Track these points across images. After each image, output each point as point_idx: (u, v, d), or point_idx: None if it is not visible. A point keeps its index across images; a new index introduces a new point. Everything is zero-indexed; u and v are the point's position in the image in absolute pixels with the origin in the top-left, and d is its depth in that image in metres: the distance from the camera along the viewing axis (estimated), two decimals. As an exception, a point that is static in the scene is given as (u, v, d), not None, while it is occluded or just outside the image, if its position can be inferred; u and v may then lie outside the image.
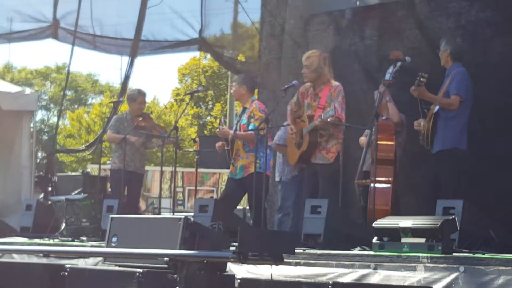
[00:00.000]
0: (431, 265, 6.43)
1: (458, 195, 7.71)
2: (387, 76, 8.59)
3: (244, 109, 9.99)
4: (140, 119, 11.06)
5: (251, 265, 6.96)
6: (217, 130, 10.03)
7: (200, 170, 12.61)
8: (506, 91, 8.85)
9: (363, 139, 9.23)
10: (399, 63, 8.64)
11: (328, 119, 8.46)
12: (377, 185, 8.35)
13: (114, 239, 6.66)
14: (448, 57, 8.43)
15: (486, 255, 6.53)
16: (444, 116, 8.32)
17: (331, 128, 8.73)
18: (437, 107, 8.32)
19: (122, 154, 10.87)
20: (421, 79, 8.17)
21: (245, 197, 10.19)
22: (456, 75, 8.26)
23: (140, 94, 11.41)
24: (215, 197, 10.90)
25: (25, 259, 8.75)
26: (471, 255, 6.66)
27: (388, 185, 8.57)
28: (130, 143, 10.92)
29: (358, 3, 10.34)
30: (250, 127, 9.78)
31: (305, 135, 8.77)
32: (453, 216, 6.96)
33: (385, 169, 8.57)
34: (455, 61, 8.39)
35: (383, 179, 8.53)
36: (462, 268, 6.23)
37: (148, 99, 40.13)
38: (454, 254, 6.66)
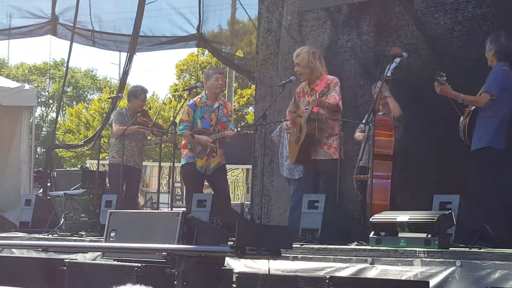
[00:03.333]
0: (428, 259, 6.45)
1: (488, 193, 7.76)
2: (388, 73, 8.62)
3: (219, 105, 10.09)
4: (139, 115, 11.12)
5: (248, 260, 6.99)
6: (230, 132, 10.06)
7: (198, 165, 12.61)
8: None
9: (358, 135, 9.26)
10: (398, 59, 8.66)
11: (323, 97, 8.53)
12: (376, 180, 8.37)
13: (112, 234, 6.70)
14: (493, 57, 8.20)
15: (482, 250, 6.56)
16: (480, 114, 8.13)
17: (330, 121, 8.75)
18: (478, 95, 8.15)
19: (121, 149, 10.90)
20: (439, 78, 8.02)
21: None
22: (492, 74, 8.09)
23: (143, 91, 11.48)
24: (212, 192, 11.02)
25: (24, 254, 8.77)
26: (467, 249, 6.68)
27: (387, 180, 8.58)
28: (136, 134, 11.00)
29: (355, -1, 10.34)
30: (230, 125, 10.14)
31: (303, 126, 8.79)
32: (450, 211, 6.99)
33: (384, 164, 8.57)
34: (500, 60, 8.16)
35: (381, 174, 8.54)
36: (458, 263, 6.26)
37: (147, 95, 40.18)
38: (451, 248, 6.68)
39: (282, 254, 5.69)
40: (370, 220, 7.28)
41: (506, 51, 8.15)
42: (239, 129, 10.08)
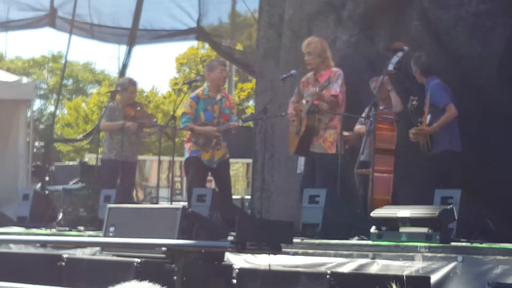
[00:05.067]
0: (429, 254, 6.43)
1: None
2: (390, 67, 8.62)
3: (222, 97, 10.03)
4: (131, 108, 11.03)
5: (249, 255, 6.95)
6: (236, 123, 9.99)
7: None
8: (505, 81, 8.85)
9: (358, 128, 9.25)
10: (400, 53, 8.67)
11: (323, 91, 8.51)
12: (378, 174, 8.35)
13: (111, 229, 6.64)
14: (420, 76, 8.78)
15: (484, 245, 6.53)
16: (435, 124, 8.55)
17: (329, 109, 8.74)
18: (428, 117, 8.52)
19: (112, 144, 10.83)
20: (413, 103, 8.37)
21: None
22: (433, 89, 8.54)
23: (131, 83, 11.37)
24: (213, 186, 10.98)
25: (22, 249, 8.71)
26: (469, 244, 6.66)
27: (389, 175, 8.58)
28: (125, 129, 10.87)
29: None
30: (233, 118, 10.03)
31: (303, 117, 8.78)
32: (451, 206, 6.96)
33: (386, 159, 8.58)
34: (427, 76, 8.72)
35: (384, 168, 8.53)
36: (460, 258, 6.24)
37: (147, 88, 40.11)
38: (452, 243, 6.66)
39: (283, 249, 5.66)
40: (371, 214, 7.26)
41: (429, 68, 8.78)
42: (242, 117, 9.98)
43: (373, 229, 7.14)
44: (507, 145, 8.77)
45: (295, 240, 6.87)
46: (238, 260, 7.06)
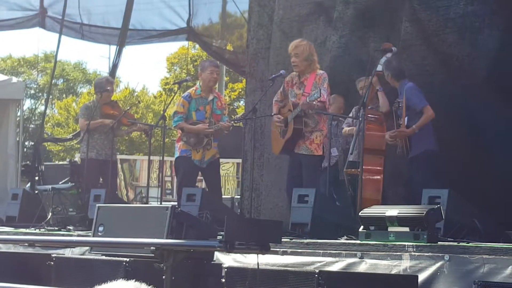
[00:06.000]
0: (417, 253, 6.47)
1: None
2: (379, 67, 8.66)
3: (214, 98, 10.03)
4: (108, 106, 11.03)
5: (238, 254, 6.97)
6: (227, 123, 10.00)
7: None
8: (493, 82, 8.90)
9: (346, 130, 9.27)
10: (389, 54, 8.71)
11: (314, 102, 8.51)
12: (367, 174, 8.38)
13: (100, 229, 6.65)
14: (392, 79, 8.87)
15: (470, 244, 6.57)
16: (413, 125, 8.69)
17: (316, 116, 8.76)
18: (405, 120, 8.65)
19: (92, 143, 10.87)
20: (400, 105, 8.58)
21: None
22: (408, 92, 8.65)
23: (108, 82, 11.36)
24: (203, 186, 11.01)
25: (11, 248, 8.70)
26: (456, 244, 6.70)
27: (379, 175, 8.62)
28: (104, 127, 10.87)
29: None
30: (224, 118, 10.01)
31: (290, 122, 8.80)
32: (438, 205, 7.00)
33: (375, 159, 8.61)
34: (400, 80, 8.81)
35: (373, 168, 8.56)
36: (447, 257, 6.27)
37: (137, 88, 40.08)
38: (439, 243, 6.69)
39: (271, 249, 5.67)
40: (360, 214, 7.28)
41: (401, 71, 8.88)
42: (233, 118, 10.01)
43: (361, 229, 7.17)
44: (495, 145, 8.82)
45: (284, 239, 6.91)
46: (227, 259, 7.07)
